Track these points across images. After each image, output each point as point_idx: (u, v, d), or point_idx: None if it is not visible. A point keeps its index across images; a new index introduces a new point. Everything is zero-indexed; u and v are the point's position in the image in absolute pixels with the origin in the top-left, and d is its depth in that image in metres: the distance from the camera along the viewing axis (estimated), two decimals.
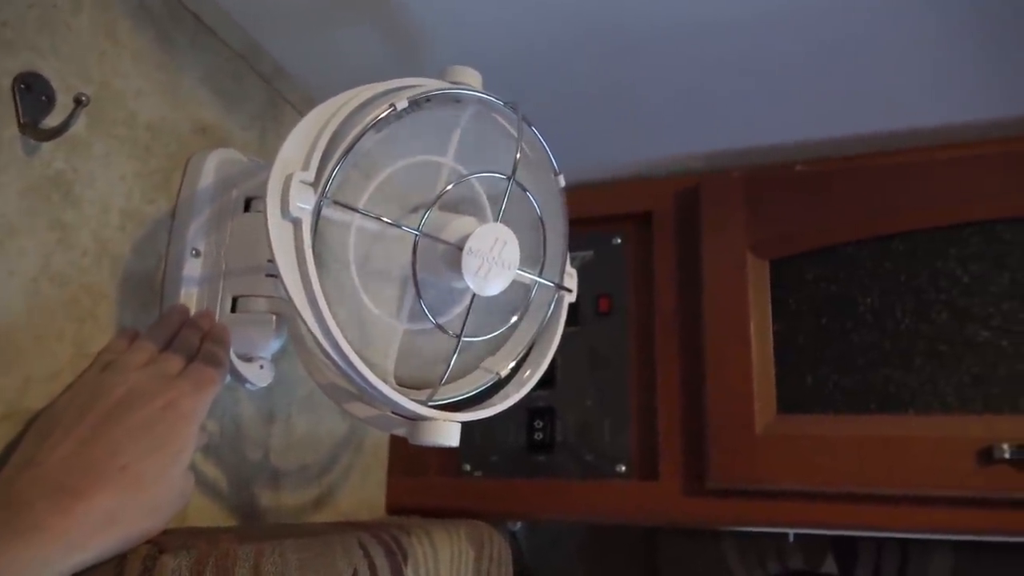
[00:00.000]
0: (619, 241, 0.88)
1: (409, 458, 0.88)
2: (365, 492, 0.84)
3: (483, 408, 0.55)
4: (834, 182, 0.77)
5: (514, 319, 0.57)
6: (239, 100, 0.68)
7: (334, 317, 0.46)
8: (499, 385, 0.60)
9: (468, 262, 0.50)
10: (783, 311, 0.77)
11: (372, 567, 0.60)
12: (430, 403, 0.52)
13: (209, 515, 0.62)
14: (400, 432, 0.52)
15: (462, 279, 0.50)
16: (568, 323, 0.85)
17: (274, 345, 0.59)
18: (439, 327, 0.51)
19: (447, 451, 0.89)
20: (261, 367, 0.60)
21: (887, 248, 0.74)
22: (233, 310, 0.59)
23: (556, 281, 0.62)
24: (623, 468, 0.81)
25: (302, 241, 0.45)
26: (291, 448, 0.72)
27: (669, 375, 0.80)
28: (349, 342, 0.47)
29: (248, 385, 0.60)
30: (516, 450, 0.85)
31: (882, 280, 0.74)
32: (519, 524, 1.05)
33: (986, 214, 0.72)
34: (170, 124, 0.60)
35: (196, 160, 0.61)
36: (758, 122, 0.77)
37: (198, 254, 0.59)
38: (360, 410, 0.54)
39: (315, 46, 0.69)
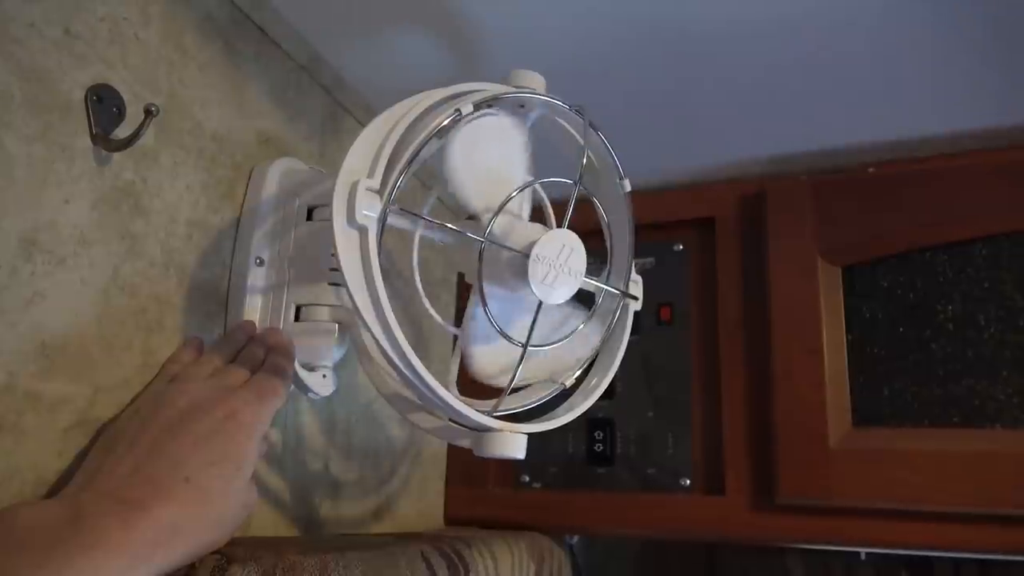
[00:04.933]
0: (680, 248, 0.85)
1: (468, 469, 0.87)
2: (424, 503, 0.83)
3: (549, 419, 0.54)
4: (908, 185, 0.73)
5: (580, 326, 0.56)
6: (301, 111, 0.68)
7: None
8: (564, 396, 0.59)
9: (535, 269, 0.49)
10: (857, 320, 0.74)
11: None
12: (495, 414, 0.51)
13: (271, 525, 0.62)
14: (465, 443, 0.51)
15: (528, 287, 0.49)
16: (630, 331, 0.84)
17: (336, 354, 0.59)
18: (505, 336, 0.50)
19: (505, 462, 0.88)
20: (324, 376, 0.60)
21: (968, 253, 0.71)
22: (297, 319, 0.59)
23: (622, 288, 0.60)
24: (687, 482, 0.78)
25: (368, 249, 0.44)
26: (351, 458, 0.71)
27: (734, 386, 0.77)
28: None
29: (311, 394, 0.59)
30: (575, 462, 0.84)
31: (963, 286, 0.71)
32: (575, 537, 1.03)
33: None
34: (235, 134, 0.60)
35: (260, 170, 0.61)
36: (822, 124, 0.75)
37: (262, 263, 0.59)
38: (424, 420, 0.54)
39: (375, 55, 0.69)
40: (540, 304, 0.51)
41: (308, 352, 0.58)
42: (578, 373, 0.59)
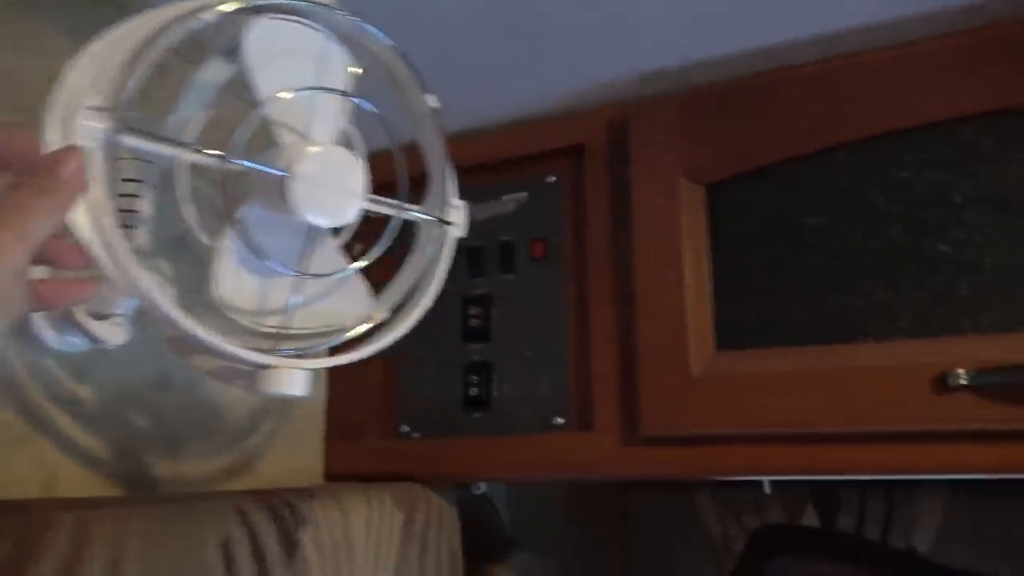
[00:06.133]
0: (554, 180, 0.81)
1: (346, 423, 0.84)
2: (297, 459, 0.80)
3: (338, 355, 0.50)
4: (775, 95, 0.68)
5: (362, 263, 0.51)
6: None
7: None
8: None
9: (296, 190, 0.45)
10: (721, 240, 0.70)
11: (252, 534, 0.56)
12: (280, 351, 0.47)
13: (87, 486, 0.58)
14: (240, 384, 0.48)
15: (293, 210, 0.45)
16: (503, 271, 0.80)
17: (127, 301, 0.55)
18: (267, 264, 0.46)
19: (384, 412, 0.84)
20: (118, 325, 0.55)
21: (834, 161, 0.66)
22: None
23: (436, 214, 0.56)
24: (560, 420, 0.75)
25: (93, 175, 0.40)
26: (193, 415, 0.68)
27: (603, 319, 0.73)
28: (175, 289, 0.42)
29: (102, 344, 0.55)
30: (453, 409, 0.80)
31: (828, 197, 0.66)
32: (482, 487, 1.00)
33: (944, 113, 0.63)
34: (22, 74, 0.56)
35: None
36: (691, 34, 0.70)
37: None
38: (204, 363, 0.50)
39: None
40: (308, 228, 0.47)
41: (96, 298, 0.54)
42: (390, 309, 0.55)
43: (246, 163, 0.44)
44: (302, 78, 0.48)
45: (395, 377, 0.84)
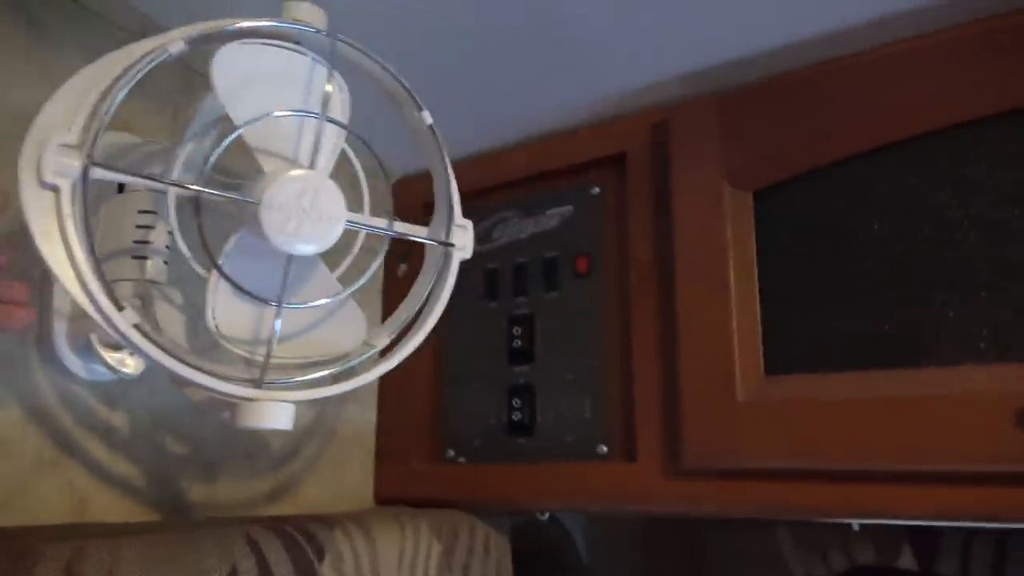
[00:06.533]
0: (597, 191, 0.77)
1: (395, 444, 0.83)
2: (343, 484, 0.79)
3: (326, 386, 0.48)
4: (822, 87, 0.61)
5: (347, 290, 0.50)
6: (145, 82, 0.65)
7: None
8: None
9: (268, 218, 0.44)
10: (770, 251, 0.63)
11: (262, 564, 0.55)
12: (266, 384, 0.46)
13: (119, 511, 0.60)
14: (225, 416, 0.47)
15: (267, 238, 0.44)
16: (547, 288, 0.77)
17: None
18: (249, 294, 0.45)
19: (432, 436, 0.83)
20: (133, 354, 0.57)
21: (895, 159, 0.58)
22: None
23: (437, 236, 0.54)
24: (604, 449, 0.70)
25: (63, 212, 0.41)
26: (230, 439, 0.68)
27: (646, 339, 0.68)
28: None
29: (121, 374, 0.57)
30: (497, 433, 0.77)
31: (891, 200, 0.58)
32: (547, 515, 0.97)
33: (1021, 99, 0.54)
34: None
35: None
36: (730, 29, 0.64)
37: None
38: (195, 393, 0.50)
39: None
40: (290, 257, 0.46)
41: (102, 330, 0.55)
42: (393, 336, 0.53)
43: (216, 193, 0.44)
44: (285, 102, 0.47)
45: (442, 400, 0.82)
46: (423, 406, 0.83)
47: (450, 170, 0.53)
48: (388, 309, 0.87)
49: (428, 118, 0.52)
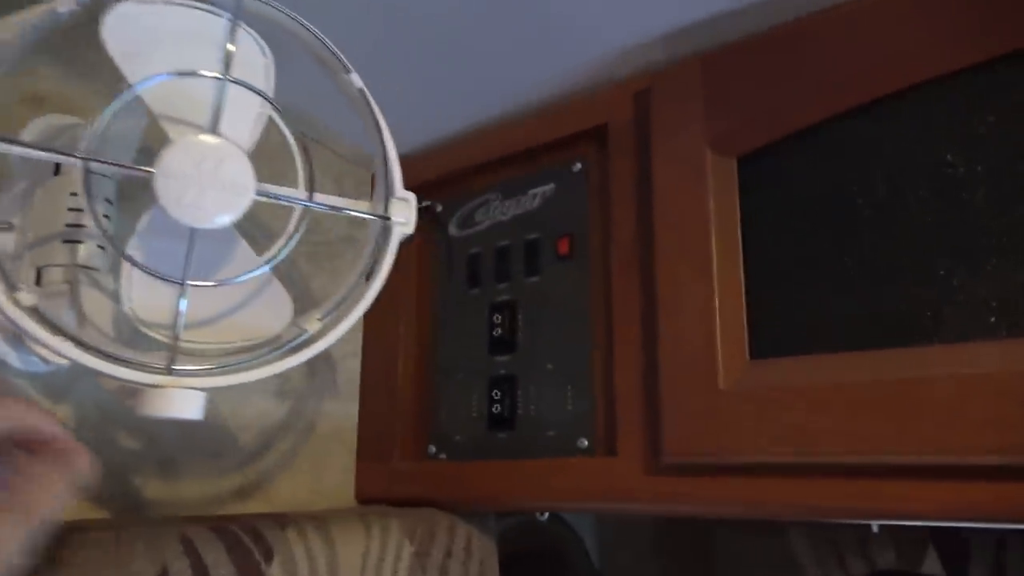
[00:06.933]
0: (579, 167, 0.72)
1: (377, 440, 0.79)
2: (321, 482, 0.76)
3: (244, 372, 0.44)
4: (811, 40, 0.55)
5: (262, 264, 0.46)
6: (91, 64, 0.63)
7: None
8: None
9: (164, 187, 0.40)
10: (757, 223, 0.57)
11: (198, 566, 0.51)
12: (176, 370, 0.43)
13: (68, 509, 0.57)
14: (131, 405, 0.43)
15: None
16: (528, 273, 0.72)
17: (69, 317, 0.53)
18: (151, 272, 0.42)
19: (415, 432, 0.78)
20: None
21: (892, 114, 0.52)
22: (38, 283, 0.54)
23: (373, 210, 0.49)
24: (585, 443, 0.65)
25: None
26: (193, 434, 0.65)
27: (628, 324, 0.63)
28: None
29: (54, 364, 0.54)
30: (477, 428, 0.73)
31: (888, 161, 0.52)
32: (546, 514, 0.92)
33: None
34: None
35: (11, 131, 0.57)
36: None
37: (10, 228, 0.55)
38: (108, 383, 0.46)
39: None
40: (193, 232, 0.42)
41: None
42: (326, 318, 0.49)
43: (103, 161, 0.40)
44: (195, 65, 0.44)
45: (427, 393, 0.78)
46: (407, 400, 0.79)
47: (387, 137, 0.49)
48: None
49: (357, 81, 0.48)
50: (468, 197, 0.79)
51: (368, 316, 0.84)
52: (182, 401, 0.42)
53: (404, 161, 0.84)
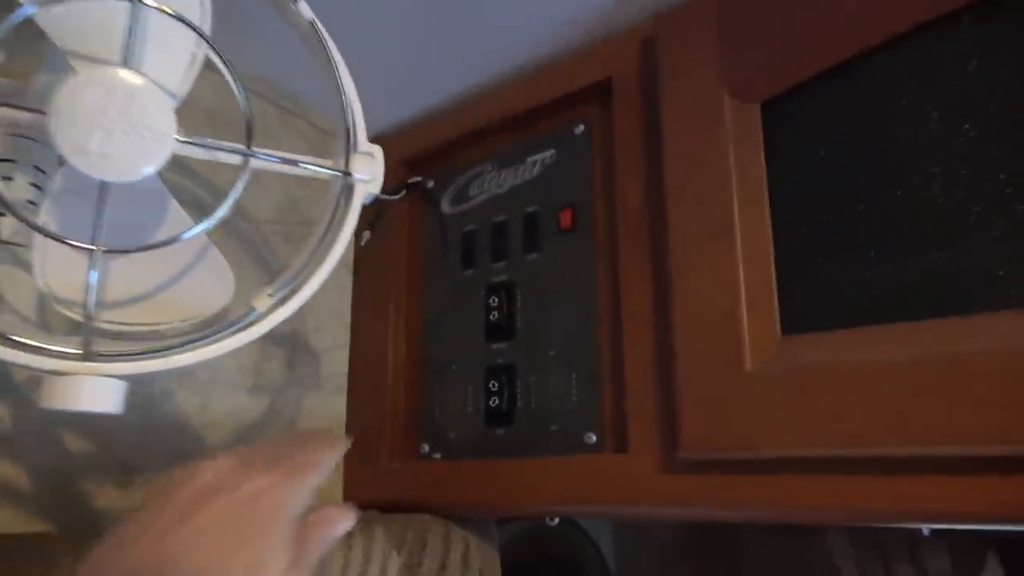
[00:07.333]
0: (582, 129, 0.64)
1: (366, 439, 0.72)
2: None
3: (168, 356, 0.37)
4: None
5: (196, 228, 0.38)
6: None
7: None
8: None
9: (61, 130, 0.33)
10: (786, 179, 0.49)
11: None
12: (96, 356, 0.36)
13: (9, 522, 0.51)
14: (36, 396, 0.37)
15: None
16: (527, 249, 0.65)
17: None
18: (56, 237, 0.35)
19: (407, 429, 0.71)
20: None
21: (943, 42, 0.44)
22: None
23: (339, 168, 0.42)
24: (593, 438, 0.57)
25: None
26: (155, 436, 0.59)
27: (638, 302, 0.55)
28: None
29: None
30: (473, 424, 0.65)
31: (938, 97, 0.44)
32: (556, 519, 0.84)
33: None
34: None
35: None
36: None
37: None
38: (20, 373, 0.40)
39: None
40: (103, 186, 0.35)
41: None
42: (279, 293, 0.42)
43: None
44: None
45: (417, 388, 0.71)
46: (397, 395, 0.71)
47: (345, 76, 0.42)
48: (358, 285, 0.77)
49: (307, 11, 0.41)
50: (461, 170, 0.71)
51: (355, 304, 0.78)
52: (94, 392, 0.35)
53: (392, 136, 0.77)
